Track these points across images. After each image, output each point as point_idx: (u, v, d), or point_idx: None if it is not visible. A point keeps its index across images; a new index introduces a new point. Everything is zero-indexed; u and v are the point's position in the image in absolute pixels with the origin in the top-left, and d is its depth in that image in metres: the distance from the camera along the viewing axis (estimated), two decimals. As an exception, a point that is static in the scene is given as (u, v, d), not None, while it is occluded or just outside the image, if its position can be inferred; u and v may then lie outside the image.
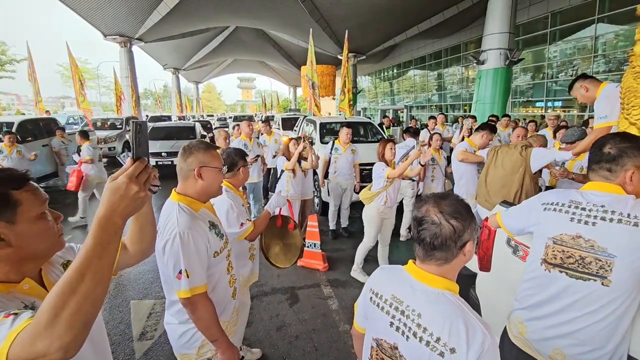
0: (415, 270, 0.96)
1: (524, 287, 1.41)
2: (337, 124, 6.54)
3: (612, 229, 1.15)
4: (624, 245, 1.12)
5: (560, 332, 1.25)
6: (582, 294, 1.20)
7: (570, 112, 14.70)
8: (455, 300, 0.88)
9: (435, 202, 0.92)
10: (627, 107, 1.51)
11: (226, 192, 1.89)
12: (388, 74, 29.33)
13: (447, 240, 0.89)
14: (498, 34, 10.22)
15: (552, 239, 1.30)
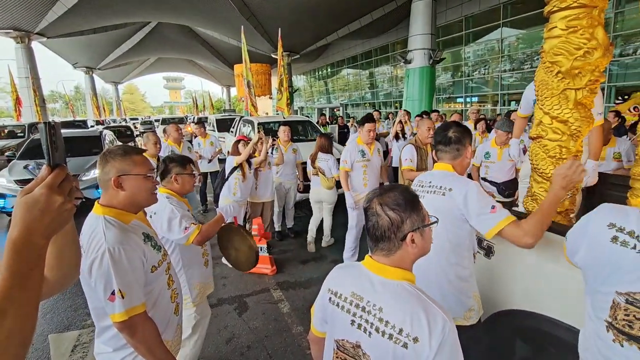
0: (371, 264, 0.96)
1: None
2: (275, 123, 6.47)
3: None
4: None
5: None
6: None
7: (485, 106, 16.49)
8: (413, 290, 0.89)
9: (380, 193, 0.95)
10: (542, 98, 1.73)
11: (167, 198, 1.83)
12: (322, 73, 29.93)
13: (387, 231, 0.91)
14: (421, 35, 11.07)
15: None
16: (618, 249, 0.88)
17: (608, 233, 0.91)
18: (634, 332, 0.84)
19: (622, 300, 0.87)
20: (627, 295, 0.86)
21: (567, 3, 1.53)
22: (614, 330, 0.89)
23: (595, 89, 1.59)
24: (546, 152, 1.69)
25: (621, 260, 0.87)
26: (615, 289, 0.88)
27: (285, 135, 4.50)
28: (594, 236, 0.95)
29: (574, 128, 1.61)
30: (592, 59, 1.52)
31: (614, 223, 0.91)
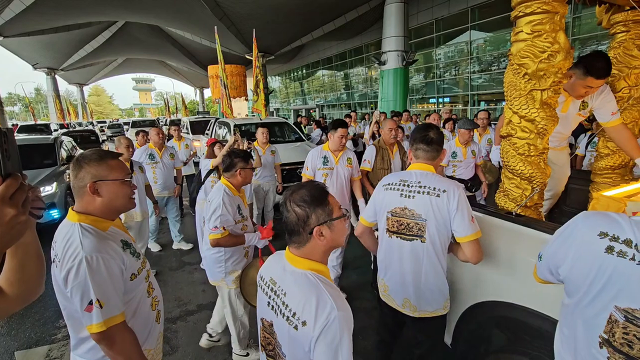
0: (287, 254, 1.06)
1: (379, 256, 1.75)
2: (252, 125, 6.41)
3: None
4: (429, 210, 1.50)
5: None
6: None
7: (457, 106, 17.07)
8: (313, 279, 0.97)
9: (293, 190, 1.04)
10: (510, 99, 1.82)
11: (224, 191, 2.10)
12: (298, 74, 29.92)
13: (295, 226, 1.00)
14: (394, 37, 11.32)
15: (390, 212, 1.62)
16: (615, 259, 0.79)
17: (601, 243, 0.82)
18: (633, 352, 0.77)
19: (621, 318, 0.79)
20: (626, 312, 0.78)
21: (531, 9, 1.63)
22: (609, 348, 0.81)
23: (558, 89, 1.70)
24: (516, 149, 1.79)
25: (619, 272, 0.79)
26: (613, 304, 0.80)
27: (263, 137, 4.47)
28: (583, 247, 0.86)
29: (540, 126, 1.71)
30: (555, 61, 1.62)
31: (606, 232, 0.83)
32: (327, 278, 1.02)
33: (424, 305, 1.60)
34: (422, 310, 1.61)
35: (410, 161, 1.68)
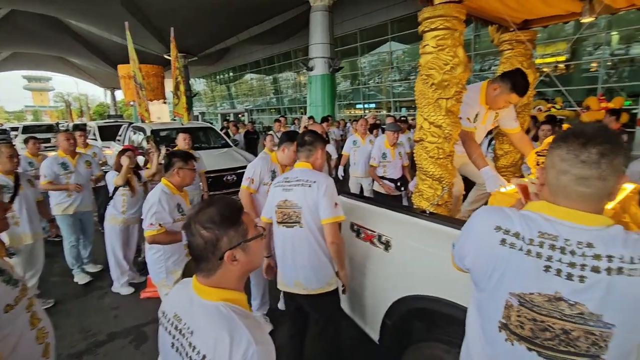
0: (194, 284, 0.92)
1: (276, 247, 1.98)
2: (172, 130, 5.99)
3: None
4: None
5: None
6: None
7: (381, 112, 18.24)
8: (227, 312, 0.85)
9: (198, 210, 0.90)
10: (421, 106, 2.00)
11: (162, 190, 2.20)
12: (224, 77, 28.99)
13: (202, 251, 0.87)
14: (321, 44, 11.65)
15: (277, 205, 1.90)
16: (508, 251, 0.88)
17: (496, 236, 0.91)
18: (524, 332, 0.87)
19: (516, 302, 0.88)
20: (519, 297, 0.87)
21: (435, 25, 1.81)
22: (506, 331, 0.91)
23: (460, 98, 1.92)
24: (427, 153, 1.97)
25: (512, 262, 0.88)
26: (508, 291, 0.89)
27: (185, 143, 4.19)
28: (482, 240, 0.95)
29: (447, 132, 1.91)
30: (456, 73, 1.83)
31: (500, 226, 0.91)
32: (244, 308, 0.90)
33: (311, 283, 1.85)
34: (310, 288, 1.85)
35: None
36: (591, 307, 0.80)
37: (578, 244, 0.82)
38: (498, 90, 2.09)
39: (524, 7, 2.06)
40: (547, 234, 0.85)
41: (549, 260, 0.83)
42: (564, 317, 0.82)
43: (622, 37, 11.39)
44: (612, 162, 0.80)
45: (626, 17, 11.13)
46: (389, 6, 14.61)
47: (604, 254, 0.79)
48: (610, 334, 0.79)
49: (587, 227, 0.83)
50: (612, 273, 0.78)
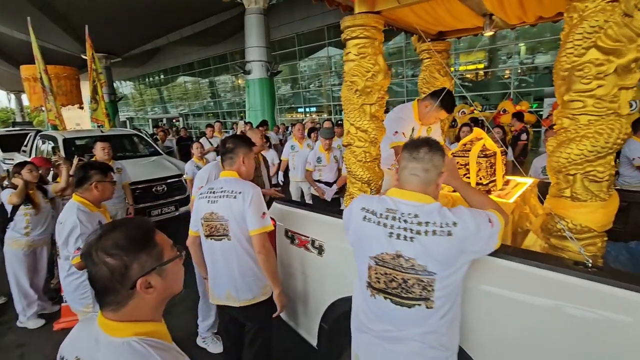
0: (100, 319, 0.80)
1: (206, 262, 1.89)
2: (90, 138, 5.45)
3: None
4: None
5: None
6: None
7: (322, 115, 18.60)
8: (142, 348, 0.75)
9: (99, 236, 0.79)
10: (347, 112, 2.07)
11: (78, 209, 1.97)
12: (155, 80, 27.26)
13: (108, 282, 0.76)
14: (257, 47, 11.54)
15: (203, 218, 1.78)
16: (367, 224, 1.22)
17: (361, 214, 1.25)
18: (380, 285, 1.20)
19: (373, 263, 1.21)
20: (375, 258, 1.20)
21: (356, 34, 1.90)
22: (370, 288, 1.23)
23: (383, 104, 2.03)
24: (355, 157, 2.04)
25: (370, 231, 1.21)
26: (368, 255, 1.22)
27: (105, 153, 3.84)
28: (354, 217, 1.28)
29: (372, 136, 2.00)
30: (377, 80, 1.93)
31: (364, 207, 1.26)
32: (163, 340, 0.81)
33: (244, 294, 1.82)
34: (243, 299, 1.82)
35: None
36: (419, 260, 1.12)
37: (409, 215, 1.16)
38: (429, 107, 2.33)
39: (436, 19, 2.25)
40: (391, 209, 1.19)
41: (392, 228, 1.16)
42: (403, 270, 1.14)
43: (528, 48, 13.07)
44: (432, 159, 1.20)
45: (530, 30, 12.84)
46: (325, 12, 14.98)
47: (424, 221, 1.13)
48: (433, 280, 1.12)
49: (415, 204, 1.18)
50: (429, 234, 1.11)
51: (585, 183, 1.35)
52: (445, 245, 1.10)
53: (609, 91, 1.27)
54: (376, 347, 1.26)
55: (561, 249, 1.46)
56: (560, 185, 1.43)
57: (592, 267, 1.23)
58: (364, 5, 1.90)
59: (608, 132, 1.28)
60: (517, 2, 1.82)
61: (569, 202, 1.40)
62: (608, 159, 1.32)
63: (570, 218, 1.39)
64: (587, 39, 1.26)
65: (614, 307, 1.11)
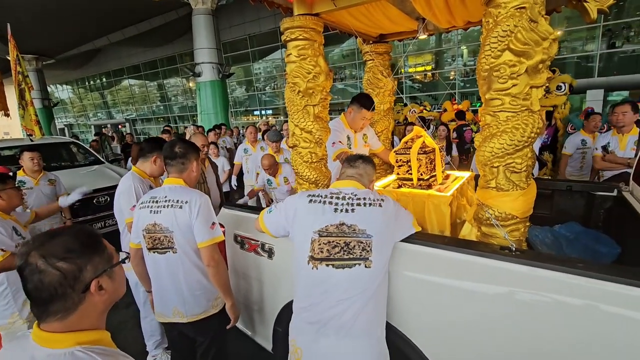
0: (37, 334, 0.77)
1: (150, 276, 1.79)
2: (18, 148, 4.97)
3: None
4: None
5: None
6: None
7: (279, 117, 18.50)
8: (86, 356, 0.73)
9: (41, 242, 0.77)
10: (291, 113, 2.08)
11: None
12: (97, 83, 25.48)
13: (59, 288, 0.74)
14: (207, 49, 11.24)
15: (144, 230, 1.69)
16: (314, 204, 1.45)
17: (307, 199, 1.48)
18: (323, 254, 1.36)
19: (317, 236, 1.38)
20: (319, 232, 1.38)
21: (295, 35, 1.92)
22: (312, 261, 1.37)
23: (326, 105, 2.07)
24: (301, 158, 2.07)
25: (316, 208, 1.43)
26: (312, 230, 1.39)
27: (34, 163, 3.52)
28: (301, 205, 1.48)
29: (317, 136, 2.04)
30: (319, 81, 1.97)
31: (310, 194, 1.50)
32: (108, 346, 0.80)
33: (192, 310, 1.73)
34: (191, 315, 1.73)
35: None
36: (360, 225, 1.37)
37: (349, 195, 1.45)
38: (352, 112, 2.53)
39: (374, 23, 2.34)
40: (334, 193, 1.47)
41: (336, 205, 1.42)
42: (345, 234, 1.36)
43: (470, 51, 13.99)
44: (366, 168, 1.59)
45: (472, 34, 13.75)
46: (277, 14, 14.91)
47: (361, 197, 1.44)
48: (371, 242, 1.35)
49: (353, 189, 1.49)
50: (367, 205, 1.41)
51: (507, 174, 1.48)
52: (378, 213, 1.40)
53: (522, 90, 1.40)
54: (314, 335, 1.37)
55: (491, 236, 1.58)
56: (487, 177, 1.55)
57: (516, 250, 1.35)
58: (303, 8, 1.93)
59: (523, 126, 1.42)
60: (445, 7, 1.95)
61: (494, 192, 1.52)
62: (525, 151, 1.46)
63: (496, 207, 1.52)
64: (501, 42, 1.38)
65: (536, 286, 1.23)
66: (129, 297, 3.35)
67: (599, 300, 1.11)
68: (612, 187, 2.35)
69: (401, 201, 2.06)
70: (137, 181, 2.17)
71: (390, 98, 2.85)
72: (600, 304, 1.11)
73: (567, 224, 2.28)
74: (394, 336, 1.48)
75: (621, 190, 2.25)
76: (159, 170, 2.31)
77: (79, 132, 26.87)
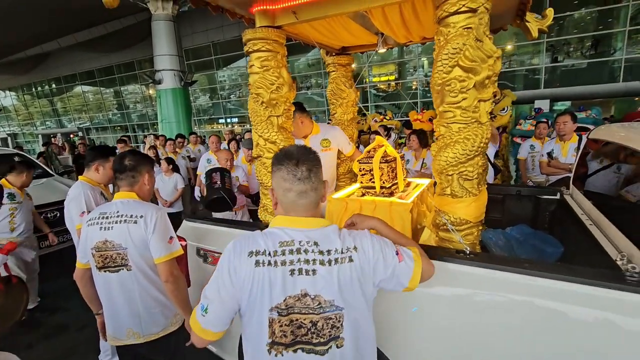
0: None
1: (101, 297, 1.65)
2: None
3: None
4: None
5: None
6: None
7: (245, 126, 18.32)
8: None
9: None
10: (254, 124, 2.09)
11: None
12: (45, 90, 23.91)
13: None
14: (168, 55, 10.95)
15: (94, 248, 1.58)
16: (261, 270, 0.97)
17: (250, 261, 0.98)
18: (287, 339, 0.97)
19: (276, 315, 0.96)
20: (277, 309, 0.96)
21: (257, 47, 1.94)
22: (274, 347, 0.97)
23: (290, 115, 2.10)
24: (265, 168, 2.08)
25: (268, 278, 0.97)
26: (268, 307, 0.96)
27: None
28: (240, 271, 0.98)
29: (281, 147, 2.06)
30: (282, 92, 2.00)
31: (251, 250, 0.99)
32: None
33: (148, 328, 1.65)
34: (148, 334, 1.65)
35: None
36: (325, 295, 0.97)
37: (307, 243, 1.00)
38: (294, 120, 2.49)
39: (335, 36, 2.42)
40: (285, 242, 1.00)
41: (292, 263, 0.97)
42: (310, 311, 0.97)
43: (430, 62, 14.72)
44: (317, 174, 1.05)
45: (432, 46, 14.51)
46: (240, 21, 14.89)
47: (325, 249, 0.99)
48: (342, 315, 0.98)
49: (312, 229, 1.03)
50: (332, 264, 0.98)
51: (460, 182, 1.58)
52: (348, 273, 0.98)
53: (471, 103, 1.51)
54: None
55: (448, 241, 1.67)
56: (443, 185, 1.65)
57: (470, 253, 1.45)
58: (265, 20, 1.96)
59: (473, 137, 1.53)
60: (402, 24, 2.06)
61: (449, 198, 1.62)
62: (476, 159, 1.57)
63: (451, 213, 1.61)
64: (452, 59, 1.49)
65: (488, 286, 1.32)
66: (83, 319, 3.16)
67: (542, 296, 1.22)
68: (555, 191, 2.57)
69: (365, 209, 2.14)
70: (87, 188, 2.15)
71: (354, 108, 2.94)
72: (543, 299, 1.22)
73: (517, 226, 2.45)
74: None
75: (563, 193, 2.47)
76: (103, 178, 2.31)
77: (24, 142, 24.97)
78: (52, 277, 3.93)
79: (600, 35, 12.02)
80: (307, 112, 2.63)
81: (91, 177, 2.27)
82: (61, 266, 3.12)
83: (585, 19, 12.55)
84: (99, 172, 2.27)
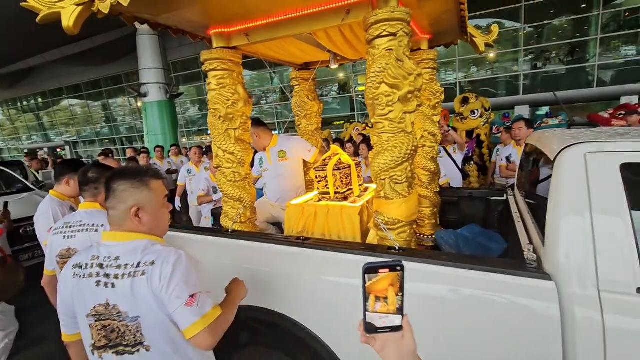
0: None
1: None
2: None
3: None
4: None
5: None
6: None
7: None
8: None
9: None
10: (214, 136, 2.27)
11: None
12: (31, 104, 23.92)
13: None
14: (153, 69, 11.14)
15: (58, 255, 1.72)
16: (77, 281, 1.11)
17: (71, 273, 1.13)
18: (104, 342, 1.09)
19: (93, 321, 1.09)
20: (93, 316, 1.08)
21: (213, 67, 2.13)
22: (96, 350, 1.10)
23: (247, 128, 2.29)
24: (225, 177, 2.25)
25: (81, 288, 1.10)
26: (85, 314, 1.10)
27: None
28: (66, 282, 1.15)
29: (239, 157, 2.23)
30: (238, 107, 2.18)
31: (75, 263, 1.14)
32: None
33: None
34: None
35: None
36: (121, 306, 1.06)
37: (108, 258, 1.10)
38: (252, 134, 2.70)
39: (290, 54, 2.63)
40: (95, 256, 1.12)
41: (98, 276, 1.08)
42: (114, 318, 1.07)
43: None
44: (116, 194, 1.13)
45: (414, 55, 14.93)
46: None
47: (124, 263, 1.08)
48: (139, 325, 1.06)
49: (118, 243, 1.13)
50: (126, 277, 1.06)
51: (392, 185, 1.77)
52: (140, 286, 1.05)
53: (397, 115, 1.71)
54: None
55: (385, 239, 1.85)
56: (378, 188, 1.84)
57: (399, 249, 1.63)
58: (221, 41, 2.16)
59: (400, 145, 1.72)
60: (346, 43, 2.28)
61: (384, 201, 1.81)
62: (405, 165, 1.76)
63: (385, 213, 1.80)
64: (378, 76, 1.69)
65: (413, 277, 1.49)
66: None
67: (460, 285, 1.40)
68: (502, 192, 2.78)
69: (320, 213, 2.32)
70: (56, 204, 2.21)
71: (317, 119, 3.14)
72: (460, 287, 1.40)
73: (468, 226, 2.65)
74: (302, 332, 1.67)
75: (508, 194, 2.68)
76: (73, 191, 2.37)
77: (10, 157, 24.83)
78: (30, 290, 4.01)
79: (578, 42, 12.52)
80: (263, 126, 2.85)
81: (61, 191, 2.33)
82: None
83: (563, 26, 13.07)
84: (69, 185, 2.34)
